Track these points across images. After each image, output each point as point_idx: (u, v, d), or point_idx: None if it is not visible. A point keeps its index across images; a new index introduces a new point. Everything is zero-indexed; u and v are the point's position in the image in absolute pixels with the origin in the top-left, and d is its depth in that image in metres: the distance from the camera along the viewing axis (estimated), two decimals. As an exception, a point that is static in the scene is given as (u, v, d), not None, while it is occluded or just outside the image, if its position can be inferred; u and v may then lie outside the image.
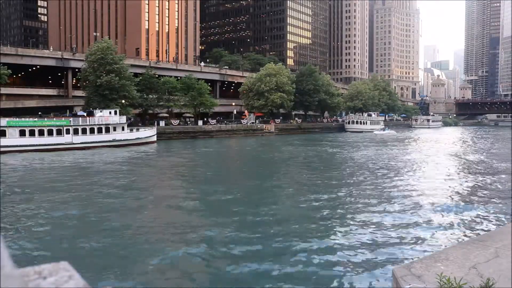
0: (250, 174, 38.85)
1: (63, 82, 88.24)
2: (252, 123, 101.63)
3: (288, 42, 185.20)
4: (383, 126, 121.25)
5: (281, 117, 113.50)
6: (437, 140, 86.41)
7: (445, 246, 14.68)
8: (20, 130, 52.82)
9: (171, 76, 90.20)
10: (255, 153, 60.01)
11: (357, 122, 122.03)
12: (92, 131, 59.25)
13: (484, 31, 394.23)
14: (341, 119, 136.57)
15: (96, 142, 58.69)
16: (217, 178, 34.94)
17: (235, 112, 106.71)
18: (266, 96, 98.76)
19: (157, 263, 14.31)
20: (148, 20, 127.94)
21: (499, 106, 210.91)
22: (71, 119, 58.91)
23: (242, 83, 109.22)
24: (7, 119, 53.61)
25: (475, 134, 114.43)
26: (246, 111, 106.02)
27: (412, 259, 13.03)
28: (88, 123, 59.02)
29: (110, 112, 62.18)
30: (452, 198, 25.06)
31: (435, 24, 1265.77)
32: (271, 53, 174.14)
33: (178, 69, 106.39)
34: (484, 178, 33.62)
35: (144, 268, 13.92)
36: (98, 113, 61.22)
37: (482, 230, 17.73)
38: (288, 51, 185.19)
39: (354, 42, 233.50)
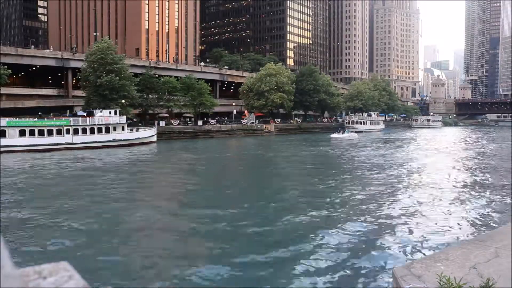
0: (251, 178, 38.86)
1: (63, 82, 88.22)
2: (252, 123, 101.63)
3: (288, 42, 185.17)
4: (343, 129, 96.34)
5: (281, 117, 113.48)
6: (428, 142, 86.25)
7: (445, 246, 14.69)
8: (20, 130, 52.81)
9: (171, 76, 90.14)
10: (256, 153, 59.97)
11: (357, 122, 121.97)
12: (92, 131, 59.23)
13: (484, 31, 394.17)
14: (341, 119, 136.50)
15: (96, 142, 58.67)
16: (218, 181, 34.93)
17: (235, 112, 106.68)
18: (266, 96, 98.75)
19: (156, 263, 14.31)
20: (148, 20, 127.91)
21: (499, 106, 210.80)
22: (71, 119, 58.90)
23: (242, 83, 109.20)
24: (7, 119, 53.58)
25: (475, 135, 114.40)
26: (246, 111, 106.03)
27: (412, 259, 13.04)
28: (88, 123, 59.01)
29: (110, 112, 62.17)
30: (452, 198, 25.04)
31: (435, 24, 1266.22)
32: (271, 53, 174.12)
33: (178, 69, 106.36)
34: (484, 178, 33.62)
35: (144, 268, 13.92)
36: (98, 113, 61.22)
37: (482, 230, 17.73)
38: (288, 51, 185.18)
39: (354, 42, 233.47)
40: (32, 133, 53.60)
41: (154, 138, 67.66)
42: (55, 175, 34.76)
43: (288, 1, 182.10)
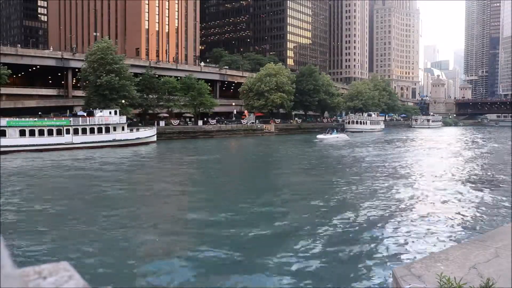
0: (251, 179, 38.85)
1: (63, 82, 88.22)
2: (252, 123, 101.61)
3: (288, 42, 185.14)
4: (332, 129, 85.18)
5: (281, 117, 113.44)
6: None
7: (445, 246, 14.68)
8: (20, 130, 52.79)
9: (171, 76, 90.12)
10: (257, 153, 59.93)
11: (357, 122, 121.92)
12: (92, 131, 59.23)
13: (484, 31, 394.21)
14: (341, 119, 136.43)
15: (96, 142, 58.67)
16: (218, 182, 34.93)
17: (235, 112, 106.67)
18: (266, 96, 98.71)
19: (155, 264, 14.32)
20: (148, 20, 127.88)
21: (499, 106, 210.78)
22: (71, 119, 58.89)
23: (242, 83, 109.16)
24: (7, 119, 53.56)
25: (474, 135, 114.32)
26: (246, 111, 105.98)
27: (412, 259, 13.04)
28: (88, 123, 59.00)
29: (110, 112, 62.16)
30: (452, 198, 25.03)
31: (435, 24, 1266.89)
32: (271, 53, 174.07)
33: (178, 69, 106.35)
34: (484, 178, 33.61)
35: (142, 268, 13.93)
36: (98, 113, 61.21)
37: (482, 230, 17.72)
38: (288, 51, 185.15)
39: (354, 42, 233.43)
40: (32, 133, 53.57)
41: (154, 138, 67.63)
42: (54, 176, 34.76)
43: (288, 1, 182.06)
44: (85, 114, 61.88)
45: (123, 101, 69.87)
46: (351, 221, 19.49)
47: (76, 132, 57.48)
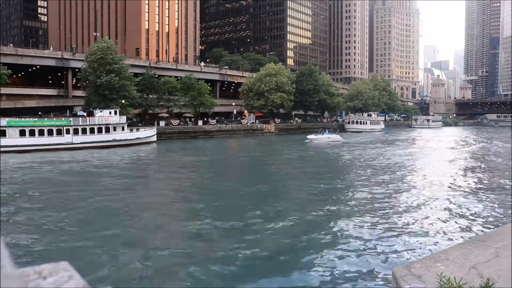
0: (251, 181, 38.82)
1: (63, 82, 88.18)
2: (252, 123, 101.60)
3: (288, 42, 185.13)
4: (324, 129, 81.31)
5: (281, 117, 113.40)
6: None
7: (445, 246, 14.68)
8: (20, 130, 52.78)
9: (171, 76, 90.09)
10: (258, 154, 59.93)
11: (357, 122, 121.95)
12: (92, 131, 59.22)
13: (484, 31, 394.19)
14: (341, 119, 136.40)
15: (96, 142, 58.66)
16: (218, 185, 34.94)
17: (235, 112, 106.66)
18: (266, 96, 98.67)
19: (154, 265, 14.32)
20: (148, 20, 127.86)
21: (499, 106, 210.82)
22: (71, 119, 58.88)
23: (242, 83, 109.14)
24: (7, 119, 53.55)
25: (475, 135, 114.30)
26: (246, 111, 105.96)
27: (412, 259, 13.03)
28: (88, 123, 59.00)
29: (110, 112, 62.16)
30: (452, 199, 25.03)
31: (435, 24, 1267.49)
32: (271, 53, 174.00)
33: (178, 69, 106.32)
34: (484, 178, 33.60)
35: (140, 268, 13.93)
36: (98, 113, 61.21)
37: (482, 230, 17.72)
38: (288, 51, 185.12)
39: (354, 42, 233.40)
40: (32, 133, 53.56)
41: (154, 138, 67.64)
42: (54, 176, 34.75)
43: (288, 1, 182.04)
44: (85, 114, 61.88)
45: (123, 101, 69.85)
46: (350, 221, 19.48)
47: (76, 132, 57.48)
